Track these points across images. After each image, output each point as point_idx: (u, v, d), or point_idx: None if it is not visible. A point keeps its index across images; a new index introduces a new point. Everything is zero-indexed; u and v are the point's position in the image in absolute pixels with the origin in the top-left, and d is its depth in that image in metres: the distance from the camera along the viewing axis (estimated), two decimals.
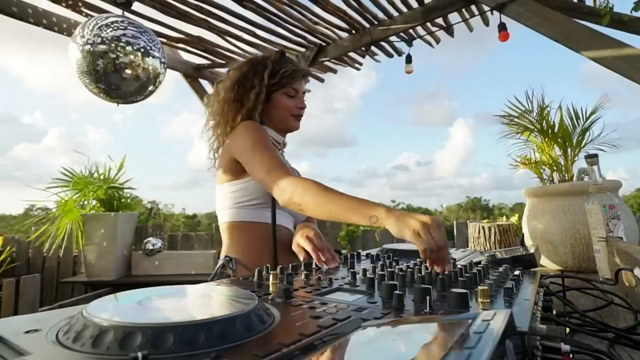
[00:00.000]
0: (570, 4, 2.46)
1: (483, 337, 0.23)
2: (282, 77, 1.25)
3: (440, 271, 0.69)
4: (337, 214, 0.86)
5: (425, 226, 0.69)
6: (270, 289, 0.58)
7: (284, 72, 1.25)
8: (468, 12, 2.88)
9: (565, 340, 0.45)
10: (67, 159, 10.09)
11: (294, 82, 1.27)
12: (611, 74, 1.90)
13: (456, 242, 3.64)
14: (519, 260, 0.83)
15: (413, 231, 0.69)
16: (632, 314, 0.73)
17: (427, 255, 0.68)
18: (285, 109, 1.27)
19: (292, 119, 1.29)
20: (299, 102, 1.29)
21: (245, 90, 1.24)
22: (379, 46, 3.32)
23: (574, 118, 1.68)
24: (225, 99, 1.25)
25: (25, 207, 15.27)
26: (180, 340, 0.32)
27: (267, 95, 1.25)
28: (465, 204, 44.24)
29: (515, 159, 1.86)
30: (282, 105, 1.26)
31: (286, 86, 1.25)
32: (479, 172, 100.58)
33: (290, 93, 1.27)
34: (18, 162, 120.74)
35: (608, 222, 1.13)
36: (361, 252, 1.01)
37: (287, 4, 2.74)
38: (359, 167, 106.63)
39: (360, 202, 0.83)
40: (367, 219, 0.79)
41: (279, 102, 1.26)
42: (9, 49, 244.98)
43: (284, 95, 1.26)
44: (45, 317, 0.42)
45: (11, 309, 2.75)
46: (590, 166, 1.21)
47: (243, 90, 1.25)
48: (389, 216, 0.75)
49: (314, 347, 0.33)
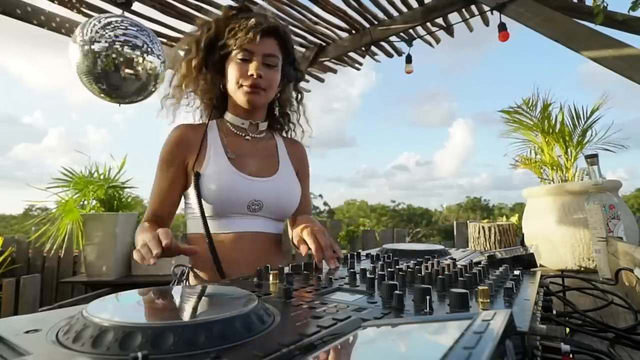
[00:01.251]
0: (570, 4, 2.46)
1: (483, 337, 0.23)
2: (229, 37, 1.01)
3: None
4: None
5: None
6: (270, 289, 0.58)
7: (230, 29, 1.01)
8: (468, 12, 2.88)
9: (565, 340, 0.45)
10: (67, 159, 10.11)
11: (245, 42, 0.99)
12: (609, 75, 1.91)
13: (456, 242, 3.64)
14: (519, 260, 0.83)
15: (135, 252, 0.78)
16: (632, 314, 0.73)
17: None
18: (233, 78, 1.03)
19: (241, 91, 1.03)
20: (252, 67, 1.01)
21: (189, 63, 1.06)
22: (379, 46, 3.32)
23: (575, 117, 1.68)
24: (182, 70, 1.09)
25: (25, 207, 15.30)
26: (180, 340, 0.32)
27: (221, 64, 1.06)
28: (465, 204, 44.28)
29: (515, 159, 1.86)
30: (231, 74, 1.04)
31: (235, 48, 1.01)
32: (478, 172, 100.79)
33: (241, 56, 1.01)
34: (18, 162, 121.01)
35: (608, 222, 1.13)
36: (361, 252, 1.01)
37: (287, 4, 2.74)
38: (358, 167, 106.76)
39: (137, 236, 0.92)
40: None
41: (229, 70, 1.05)
42: (9, 50, 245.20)
43: (234, 60, 1.03)
44: (45, 317, 0.42)
45: (11, 309, 2.75)
46: (590, 166, 1.21)
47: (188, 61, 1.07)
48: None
49: (314, 347, 0.33)
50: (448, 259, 0.87)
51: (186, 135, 1.07)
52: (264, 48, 1.02)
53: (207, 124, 1.10)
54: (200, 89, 1.10)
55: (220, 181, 1.01)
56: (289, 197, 1.12)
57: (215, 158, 1.04)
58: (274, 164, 1.13)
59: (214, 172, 1.02)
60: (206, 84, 1.09)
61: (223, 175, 1.02)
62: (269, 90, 1.07)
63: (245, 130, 1.12)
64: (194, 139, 1.06)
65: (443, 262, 0.78)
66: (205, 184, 1.00)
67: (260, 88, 1.03)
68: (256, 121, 1.13)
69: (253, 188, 1.04)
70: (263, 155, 1.13)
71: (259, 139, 1.14)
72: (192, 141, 1.06)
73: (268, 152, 1.15)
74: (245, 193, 1.03)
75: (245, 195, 1.03)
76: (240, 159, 1.07)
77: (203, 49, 1.04)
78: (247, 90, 1.03)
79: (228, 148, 1.08)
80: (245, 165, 1.07)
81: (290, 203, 1.12)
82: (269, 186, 1.07)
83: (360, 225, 4.83)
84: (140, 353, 0.27)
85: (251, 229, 1.05)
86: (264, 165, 1.10)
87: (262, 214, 1.06)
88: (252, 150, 1.11)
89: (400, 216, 41.80)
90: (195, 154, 1.05)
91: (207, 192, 1.00)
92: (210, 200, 1.00)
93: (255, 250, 1.04)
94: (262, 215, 1.07)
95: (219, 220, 1.03)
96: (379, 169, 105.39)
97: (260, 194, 1.05)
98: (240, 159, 1.07)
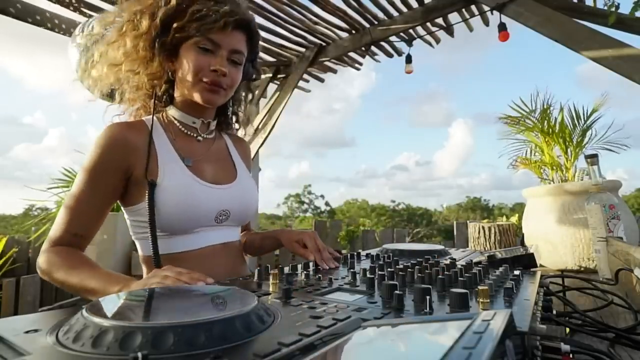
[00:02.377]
0: (570, 4, 2.46)
1: (483, 337, 0.23)
2: (192, 19, 0.85)
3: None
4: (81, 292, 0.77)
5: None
6: (270, 289, 0.58)
7: (196, 10, 0.85)
8: (468, 12, 2.88)
9: (565, 340, 0.45)
10: (67, 159, 10.07)
11: (213, 30, 0.86)
12: (607, 76, 1.91)
13: (456, 242, 3.64)
14: (519, 260, 0.83)
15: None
16: (632, 314, 0.73)
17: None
18: (192, 69, 0.87)
19: (201, 87, 0.89)
20: (216, 61, 0.88)
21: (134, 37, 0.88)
22: (379, 46, 3.32)
23: (575, 118, 1.69)
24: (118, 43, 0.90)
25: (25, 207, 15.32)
26: (180, 340, 0.32)
27: (174, 46, 0.88)
28: (465, 204, 44.28)
29: (515, 159, 1.86)
30: (189, 63, 0.88)
31: (199, 34, 0.86)
32: (478, 172, 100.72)
33: (203, 45, 0.87)
34: (18, 162, 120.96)
35: (608, 222, 1.13)
36: (361, 252, 1.01)
37: (287, 4, 2.74)
38: (358, 167, 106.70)
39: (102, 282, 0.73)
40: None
41: (186, 58, 0.88)
42: (9, 50, 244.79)
43: (194, 48, 0.88)
44: (45, 317, 0.42)
45: (11, 309, 2.75)
46: (590, 166, 1.21)
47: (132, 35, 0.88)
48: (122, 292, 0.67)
49: (314, 347, 0.33)
50: (448, 259, 0.87)
51: (125, 137, 0.87)
52: (231, 42, 0.90)
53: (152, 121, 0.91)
54: (146, 73, 0.91)
55: (183, 194, 0.87)
56: (252, 201, 1.05)
57: (169, 166, 0.89)
58: (231, 168, 1.05)
59: (173, 184, 0.87)
60: (151, 68, 0.90)
61: (185, 186, 0.88)
62: (229, 90, 0.94)
63: (196, 130, 0.98)
64: (135, 142, 0.88)
65: (443, 262, 0.78)
66: (163, 198, 0.85)
67: (222, 87, 0.91)
68: (207, 120, 1.00)
69: (219, 197, 0.94)
70: (218, 159, 1.03)
71: (210, 139, 1.02)
72: (133, 144, 0.87)
73: (222, 154, 1.05)
74: (213, 204, 0.92)
75: (213, 207, 0.92)
76: (197, 164, 0.94)
77: (158, 26, 0.86)
78: (206, 87, 0.89)
79: (181, 152, 0.93)
80: (205, 171, 0.95)
81: (253, 208, 1.07)
82: (233, 193, 0.98)
83: (360, 225, 4.84)
84: (140, 353, 0.27)
85: (219, 241, 0.96)
86: (222, 171, 1.01)
87: (227, 223, 0.97)
88: (206, 153, 0.99)
89: (400, 216, 41.81)
90: (140, 160, 0.87)
91: (166, 208, 0.85)
92: (170, 216, 0.85)
93: (226, 262, 0.97)
94: (228, 225, 0.98)
95: (182, 237, 0.89)
96: (379, 169, 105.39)
97: (226, 203, 0.95)
98: (197, 164, 0.94)
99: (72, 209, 0.85)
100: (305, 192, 45.44)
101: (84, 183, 0.85)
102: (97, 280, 0.75)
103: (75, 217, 0.85)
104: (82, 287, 0.76)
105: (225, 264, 0.96)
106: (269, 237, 1.12)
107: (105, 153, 0.85)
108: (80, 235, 0.86)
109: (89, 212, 0.86)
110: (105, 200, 0.88)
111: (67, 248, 0.84)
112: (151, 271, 0.70)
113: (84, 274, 0.77)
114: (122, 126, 0.90)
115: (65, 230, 0.84)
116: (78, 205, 0.85)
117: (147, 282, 0.65)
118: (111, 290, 0.71)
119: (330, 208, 45.20)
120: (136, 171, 0.87)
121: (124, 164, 0.87)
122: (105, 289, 0.72)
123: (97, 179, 0.85)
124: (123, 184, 0.88)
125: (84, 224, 0.86)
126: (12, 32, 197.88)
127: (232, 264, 0.99)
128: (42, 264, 0.82)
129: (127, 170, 0.87)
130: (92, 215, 0.87)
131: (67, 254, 0.82)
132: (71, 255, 0.82)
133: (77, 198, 0.85)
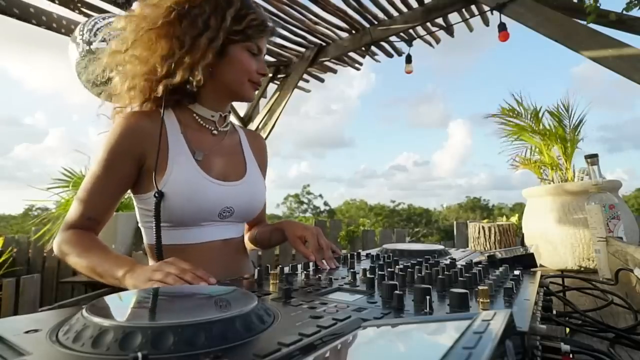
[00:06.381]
0: (570, 4, 2.46)
1: (483, 337, 0.23)
2: (249, 25, 0.93)
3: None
4: (90, 273, 0.81)
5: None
6: (270, 289, 0.58)
7: (253, 19, 0.93)
8: (468, 12, 2.88)
9: (565, 340, 0.45)
10: (68, 159, 10.05)
11: (261, 38, 0.97)
12: (604, 77, 1.91)
13: (456, 242, 3.64)
14: (519, 260, 0.83)
15: (152, 283, 0.66)
16: (632, 314, 0.73)
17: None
18: (244, 69, 0.95)
19: (248, 85, 0.98)
20: (261, 65, 0.99)
21: (192, 28, 0.88)
22: (379, 46, 3.32)
23: (565, 111, 1.68)
24: (156, 31, 0.88)
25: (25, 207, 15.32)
26: (180, 340, 0.32)
27: (223, 46, 0.92)
28: (465, 204, 44.27)
29: (514, 159, 1.86)
30: (241, 64, 0.94)
31: (251, 39, 0.94)
32: (477, 172, 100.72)
33: (253, 50, 0.95)
34: (19, 162, 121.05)
35: (608, 222, 1.13)
36: (361, 252, 1.01)
37: (287, 4, 2.74)
38: (357, 168, 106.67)
39: (108, 265, 0.77)
40: (114, 280, 0.76)
41: (239, 59, 0.94)
42: (10, 50, 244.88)
43: (245, 50, 0.95)
44: (45, 317, 0.42)
45: (11, 309, 2.75)
46: (590, 166, 1.21)
47: (189, 25, 0.89)
48: (126, 277, 0.72)
49: (314, 347, 0.33)
50: (448, 259, 0.87)
51: (143, 126, 0.90)
52: (265, 48, 1.01)
53: (162, 112, 0.92)
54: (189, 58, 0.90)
55: (188, 189, 0.89)
56: (259, 199, 1.06)
57: (179, 159, 0.91)
58: (241, 164, 1.06)
59: (180, 178, 0.89)
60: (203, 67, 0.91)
61: (191, 181, 0.90)
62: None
63: (214, 123, 1.01)
64: (150, 131, 0.90)
65: (443, 262, 0.78)
66: (169, 191, 0.87)
67: (260, 86, 1.02)
68: (225, 113, 1.04)
69: (224, 194, 0.95)
70: (229, 153, 1.04)
71: (223, 133, 1.04)
72: (148, 133, 0.89)
73: (234, 149, 1.07)
74: (217, 201, 0.94)
75: (217, 203, 0.94)
76: (207, 159, 0.96)
77: (227, 29, 0.90)
78: (253, 86, 0.99)
79: (192, 145, 0.95)
80: (213, 167, 0.97)
81: (259, 206, 1.08)
82: (240, 191, 0.99)
83: (360, 225, 4.84)
84: (140, 353, 0.27)
85: (221, 237, 0.97)
86: (232, 167, 1.02)
87: (231, 219, 0.99)
88: (218, 147, 1.00)
89: (400, 216, 41.81)
90: (153, 149, 0.89)
91: (170, 201, 0.87)
92: (174, 209, 0.88)
93: (225, 259, 0.98)
94: (231, 221, 0.99)
95: (186, 230, 0.92)
96: (378, 169, 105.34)
97: (231, 200, 0.96)
98: (207, 159, 0.96)
99: (87, 193, 0.89)
100: (304, 192, 45.48)
101: (99, 169, 0.88)
102: (104, 263, 0.79)
103: (90, 201, 0.89)
104: (91, 269, 0.80)
105: (225, 260, 0.98)
106: (277, 229, 1.10)
107: (121, 140, 0.88)
108: (94, 219, 0.90)
109: (102, 197, 0.90)
110: (119, 186, 0.90)
111: (80, 231, 0.88)
112: (155, 261, 0.74)
113: (93, 257, 0.81)
114: (139, 115, 0.92)
115: (80, 214, 0.89)
116: (92, 190, 0.89)
117: (151, 275, 0.67)
118: (116, 273, 0.74)
119: (330, 208, 45.23)
120: (149, 160, 0.90)
121: (138, 151, 0.89)
122: (112, 272, 0.76)
123: (112, 166, 0.88)
124: (136, 172, 0.91)
125: (98, 208, 0.90)
126: (13, 33, 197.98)
127: (233, 260, 1.01)
128: (58, 246, 0.88)
129: (140, 158, 0.90)
130: (105, 200, 0.90)
131: (79, 237, 0.87)
132: (84, 239, 0.86)
133: (92, 183, 0.89)
